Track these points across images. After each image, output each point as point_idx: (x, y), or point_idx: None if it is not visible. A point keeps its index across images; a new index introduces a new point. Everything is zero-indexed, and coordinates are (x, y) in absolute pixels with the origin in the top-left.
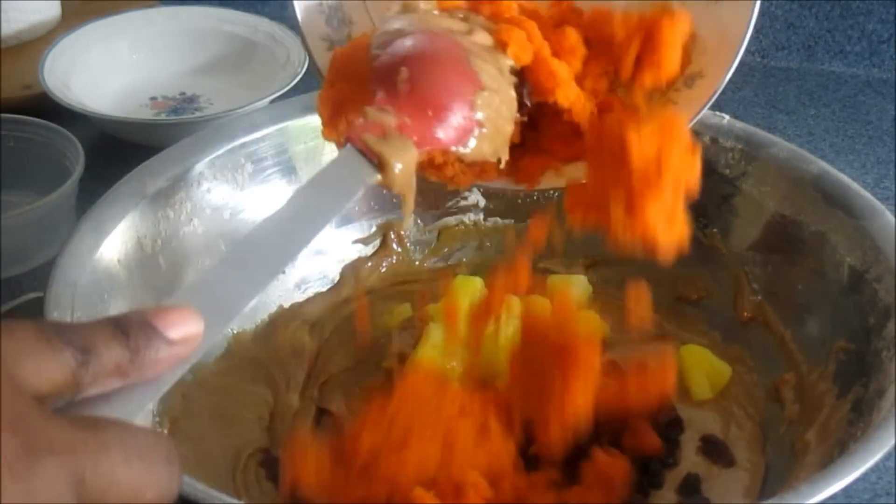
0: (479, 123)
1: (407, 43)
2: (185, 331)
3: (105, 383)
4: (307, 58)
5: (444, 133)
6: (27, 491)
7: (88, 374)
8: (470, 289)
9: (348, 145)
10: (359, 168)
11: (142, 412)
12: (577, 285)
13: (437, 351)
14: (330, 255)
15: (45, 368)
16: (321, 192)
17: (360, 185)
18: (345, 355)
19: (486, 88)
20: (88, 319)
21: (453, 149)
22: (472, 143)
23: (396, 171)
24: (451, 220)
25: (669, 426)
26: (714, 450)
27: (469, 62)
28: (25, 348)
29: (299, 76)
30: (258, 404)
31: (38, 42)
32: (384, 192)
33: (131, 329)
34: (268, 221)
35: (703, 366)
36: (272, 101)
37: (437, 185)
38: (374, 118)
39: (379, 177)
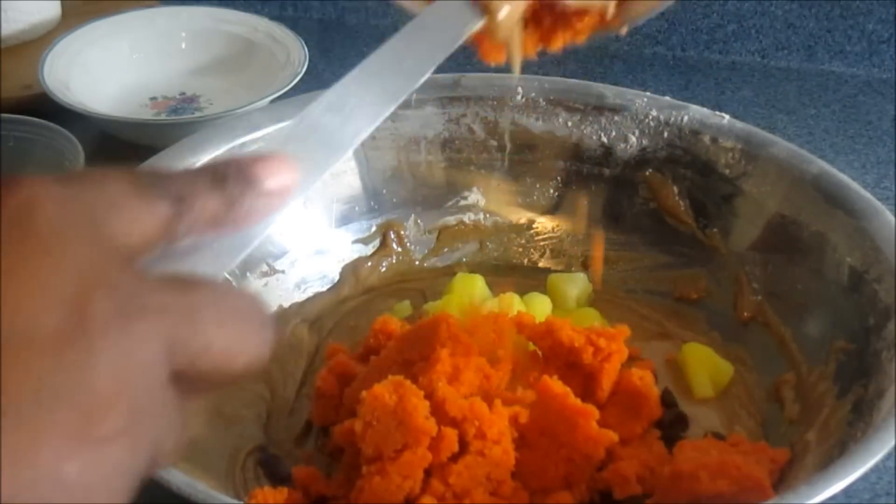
0: None
1: None
2: (282, 181)
3: (198, 233)
4: (307, 58)
5: None
6: (120, 355)
7: (183, 225)
8: (470, 286)
9: None
10: (460, 12)
11: (232, 266)
12: (577, 283)
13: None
14: (330, 255)
15: (138, 222)
16: (421, 39)
17: (462, 31)
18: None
19: None
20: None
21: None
22: None
23: (502, 15)
24: (451, 220)
25: (673, 423)
26: None
27: None
28: (118, 202)
29: (299, 76)
30: (257, 402)
31: (38, 42)
32: (384, 191)
33: (229, 178)
34: (363, 69)
35: (706, 364)
36: (272, 101)
37: (437, 184)
38: None
39: (483, 21)
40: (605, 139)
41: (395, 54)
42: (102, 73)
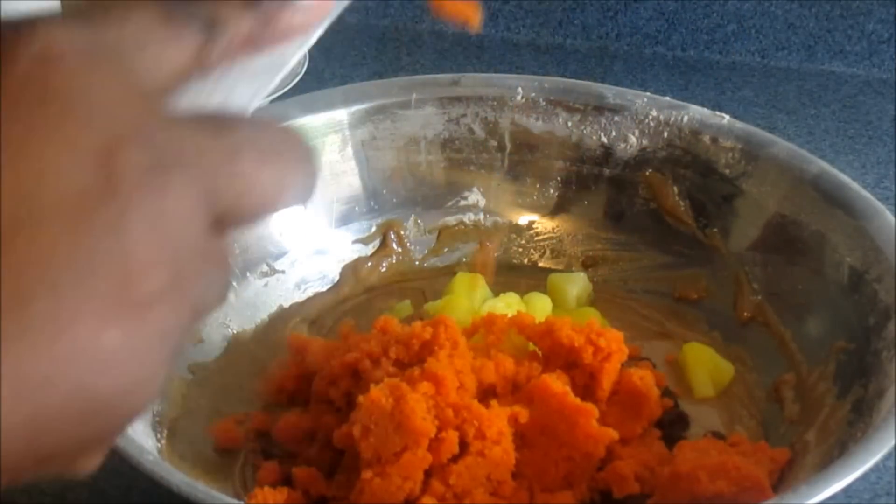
0: None
1: None
2: None
3: (233, 55)
4: (307, 58)
5: None
6: (157, 211)
7: (216, 51)
8: (470, 286)
9: None
10: None
11: (268, 92)
12: (577, 283)
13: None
14: (330, 255)
15: (167, 55)
16: None
17: None
18: None
19: None
20: None
21: None
22: None
23: None
24: (451, 220)
25: (673, 423)
26: None
27: None
28: (144, 36)
29: (299, 76)
30: (256, 401)
31: None
32: (384, 191)
33: None
34: None
35: (706, 364)
36: (272, 101)
37: (437, 184)
38: None
39: None
40: (605, 139)
41: None
42: None
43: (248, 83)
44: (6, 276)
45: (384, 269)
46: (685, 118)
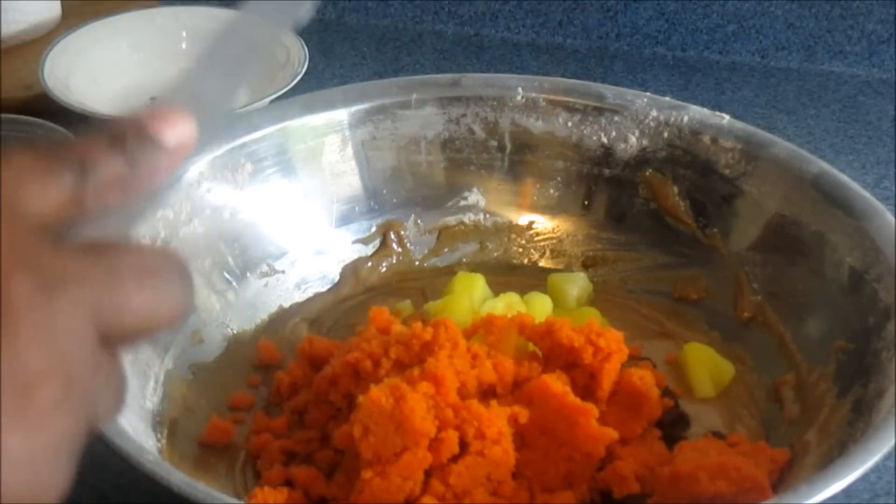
0: None
1: None
2: (180, 134)
3: (106, 199)
4: (307, 58)
5: None
6: (47, 329)
7: (89, 191)
8: (471, 286)
9: None
10: None
11: (138, 225)
12: (577, 283)
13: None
14: (330, 255)
15: (46, 193)
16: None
17: None
18: None
19: None
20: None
21: None
22: None
23: None
24: (451, 220)
25: (674, 423)
26: None
27: None
28: (25, 175)
29: (299, 76)
30: (256, 401)
31: (38, 42)
32: (384, 191)
33: (127, 140)
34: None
35: (707, 364)
36: (272, 101)
37: (437, 184)
38: None
39: None
40: (605, 139)
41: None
42: (102, 73)
43: (125, 218)
44: None
45: (384, 270)
46: (685, 118)
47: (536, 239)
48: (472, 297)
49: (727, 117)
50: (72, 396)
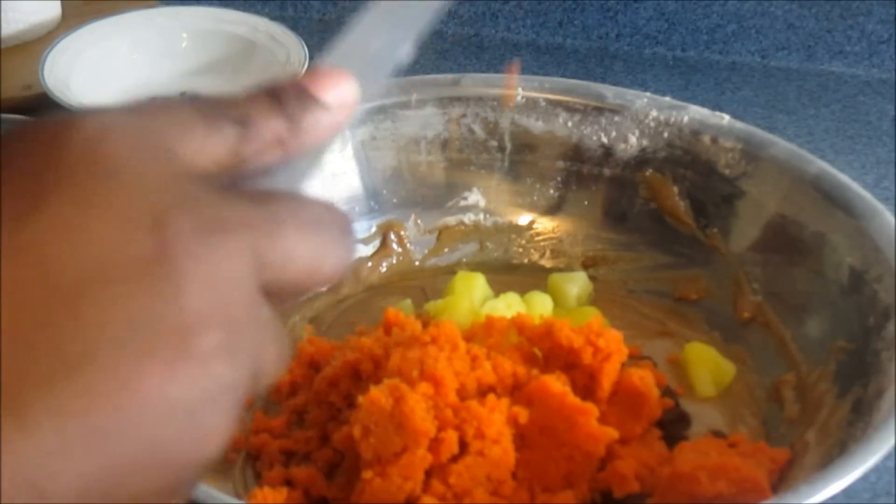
0: None
1: None
2: (342, 94)
3: (265, 156)
4: (307, 58)
5: None
6: (207, 272)
7: (249, 148)
8: (471, 285)
9: None
10: None
11: (301, 184)
12: (577, 282)
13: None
14: None
15: (207, 145)
16: None
17: None
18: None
19: None
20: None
21: None
22: None
23: None
24: (451, 220)
25: (675, 422)
26: None
27: None
28: (185, 126)
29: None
30: (256, 400)
31: (38, 42)
32: (384, 191)
33: (287, 97)
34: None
35: (708, 363)
36: None
37: (437, 184)
38: None
39: None
40: (605, 139)
41: None
42: (102, 73)
43: (287, 176)
44: (71, 337)
45: (384, 270)
46: (685, 118)
47: (536, 239)
48: (472, 296)
49: (727, 117)
50: (233, 344)
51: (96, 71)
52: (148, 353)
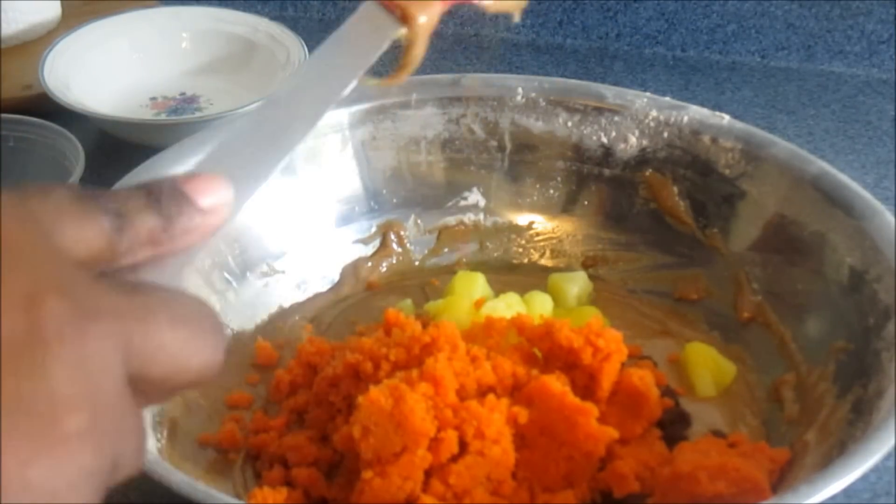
0: None
1: None
2: (217, 199)
3: (138, 253)
4: (307, 58)
5: None
6: (77, 357)
7: (123, 242)
8: (471, 284)
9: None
10: (381, 22)
11: (176, 281)
12: (577, 282)
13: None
14: (330, 255)
15: (83, 233)
16: (344, 51)
17: (384, 40)
18: None
19: None
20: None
21: (476, 1)
22: None
23: (421, 22)
24: (451, 219)
25: (675, 422)
26: None
27: None
28: (63, 212)
29: None
30: (257, 401)
31: (38, 42)
32: (384, 191)
33: (163, 196)
34: (290, 83)
35: (708, 363)
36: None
37: (437, 184)
38: None
39: (404, 30)
40: (605, 139)
41: (321, 67)
42: (102, 73)
43: (157, 274)
44: None
45: (384, 270)
46: (685, 118)
47: (536, 239)
48: (472, 296)
49: (727, 117)
50: (98, 431)
51: (96, 71)
52: (12, 433)
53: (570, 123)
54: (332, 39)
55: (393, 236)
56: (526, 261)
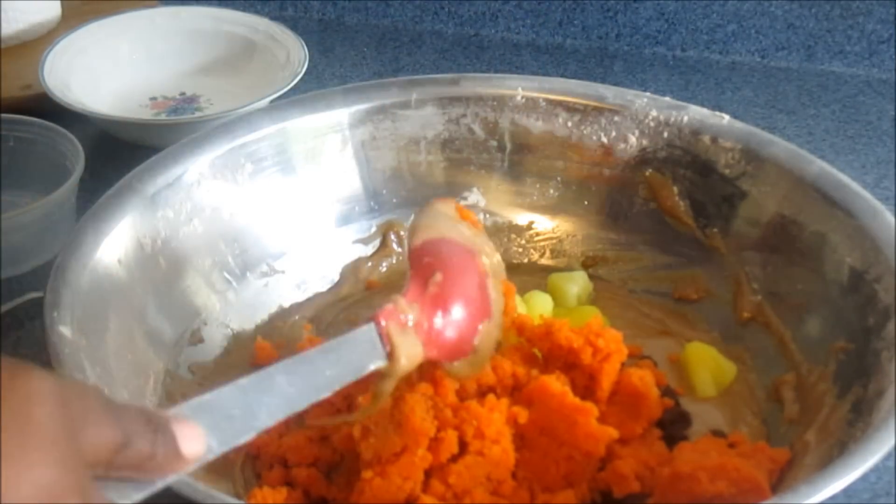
0: (473, 350)
1: (445, 249)
2: (194, 449)
3: (122, 470)
4: (307, 57)
5: (446, 349)
6: None
7: (121, 458)
8: None
9: (371, 323)
10: (373, 349)
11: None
12: (577, 281)
13: None
14: (330, 255)
15: (98, 440)
16: (332, 362)
17: (368, 366)
18: None
19: (492, 320)
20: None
21: (444, 363)
22: (459, 364)
23: (402, 364)
24: None
25: (675, 422)
26: None
27: (487, 288)
28: (92, 414)
29: (299, 76)
30: None
31: (38, 42)
32: (384, 191)
33: (160, 430)
34: (283, 368)
35: (709, 363)
36: (272, 101)
37: (437, 184)
38: (402, 309)
39: (385, 364)
40: (605, 139)
41: (312, 367)
42: (102, 73)
43: (125, 490)
44: None
45: (384, 269)
46: (685, 118)
47: (536, 239)
48: None
49: (727, 117)
50: None
51: (96, 71)
52: None
53: (570, 123)
54: (332, 344)
55: (393, 236)
56: (526, 261)
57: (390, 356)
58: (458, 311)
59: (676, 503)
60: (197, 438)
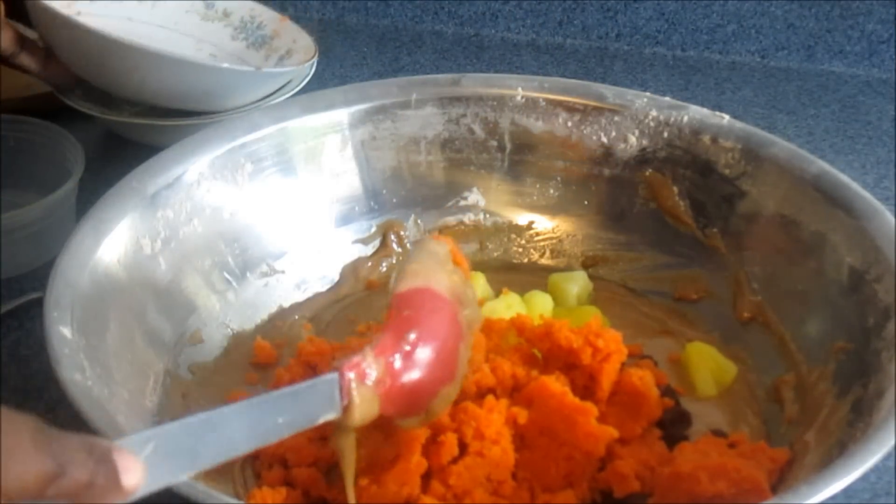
0: (427, 411)
1: (428, 304)
2: (133, 481)
3: (59, 500)
4: (313, 66)
5: (402, 408)
6: None
7: (52, 490)
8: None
9: (335, 374)
10: (329, 400)
11: None
12: (577, 281)
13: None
14: (330, 255)
15: (25, 472)
16: (291, 406)
17: (321, 417)
18: None
19: (454, 383)
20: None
21: (397, 419)
22: (412, 421)
23: (354, 419)
24: (451, 219)
25: (675, 421)
26: None
27: (458, 351)
28: (19, 446)
29: (308, 78)
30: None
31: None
32: (384, 191)
33: (100, 460)
34: (237, 409)
35: (709, 363)
36: (272, 103)
37: (437, 184)
38: (368, 364)
39: (338, 416)
40: (605, 139)
41: (265, 412)
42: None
43: None
44: None
45: (384, 269)
46: (685, 118)
47: (536, 239)
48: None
49: (727, 117)
50: None
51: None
52: None
53: (570, 123)
54: (288, 391)
55: (393, 236)
56: (526, 260)
57: (345, 410)
58: (423, 376)
59: (676, 503)
60: (137, 471)
